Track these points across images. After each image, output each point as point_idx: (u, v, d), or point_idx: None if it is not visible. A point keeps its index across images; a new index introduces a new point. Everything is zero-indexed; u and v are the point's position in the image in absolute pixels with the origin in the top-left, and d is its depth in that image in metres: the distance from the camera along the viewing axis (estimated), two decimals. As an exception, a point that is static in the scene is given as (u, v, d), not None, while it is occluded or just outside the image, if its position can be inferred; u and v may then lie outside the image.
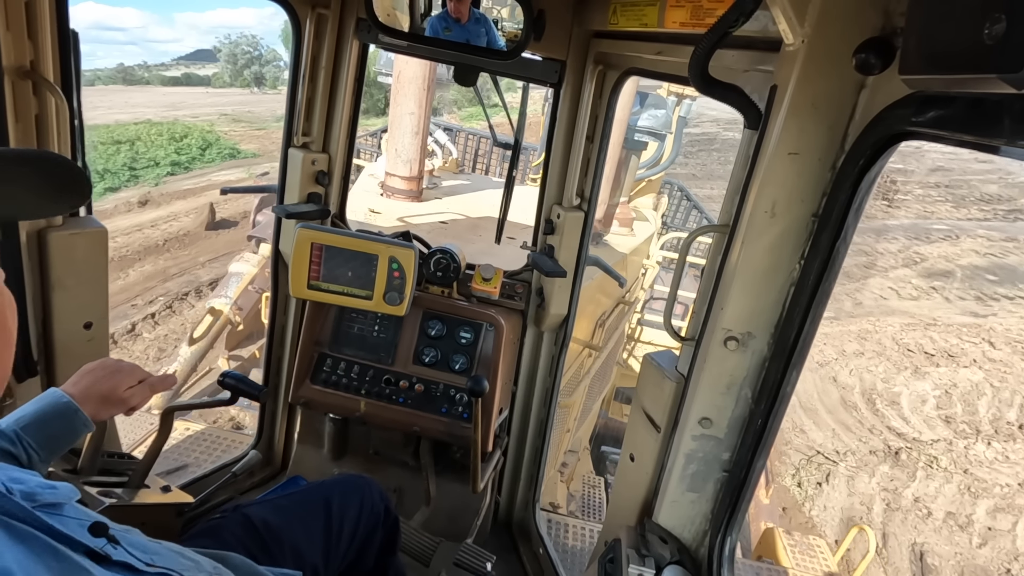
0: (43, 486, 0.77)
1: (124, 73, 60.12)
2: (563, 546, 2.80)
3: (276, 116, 34.29)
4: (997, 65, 0.56)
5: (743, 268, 1.08)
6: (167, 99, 42.45)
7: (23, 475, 0.78)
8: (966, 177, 30.05)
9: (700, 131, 36.22)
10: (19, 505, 0.68)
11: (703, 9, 1.18)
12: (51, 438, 1.14)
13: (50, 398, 1.17)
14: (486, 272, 2.21)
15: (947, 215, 25.43)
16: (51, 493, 0.77)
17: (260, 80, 51.33)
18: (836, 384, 12.48)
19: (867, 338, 14.39)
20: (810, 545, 4.60)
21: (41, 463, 1.12)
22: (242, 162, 25.55)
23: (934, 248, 21.37)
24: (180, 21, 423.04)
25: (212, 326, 7.67)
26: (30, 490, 0.74)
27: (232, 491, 2.44)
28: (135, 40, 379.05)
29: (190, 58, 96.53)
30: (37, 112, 1.44)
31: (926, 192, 27.89)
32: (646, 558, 1.27)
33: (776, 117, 0.99)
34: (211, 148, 26.60)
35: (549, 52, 1.92)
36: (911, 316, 15.85)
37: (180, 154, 25.06)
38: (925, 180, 29.32)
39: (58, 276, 1.60)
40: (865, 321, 15.19)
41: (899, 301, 16.87)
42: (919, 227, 23.35)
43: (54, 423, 1.15)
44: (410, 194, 4.89)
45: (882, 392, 12.32)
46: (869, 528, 4.87)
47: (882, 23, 0.85)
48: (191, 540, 1.30)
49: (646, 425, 1.38)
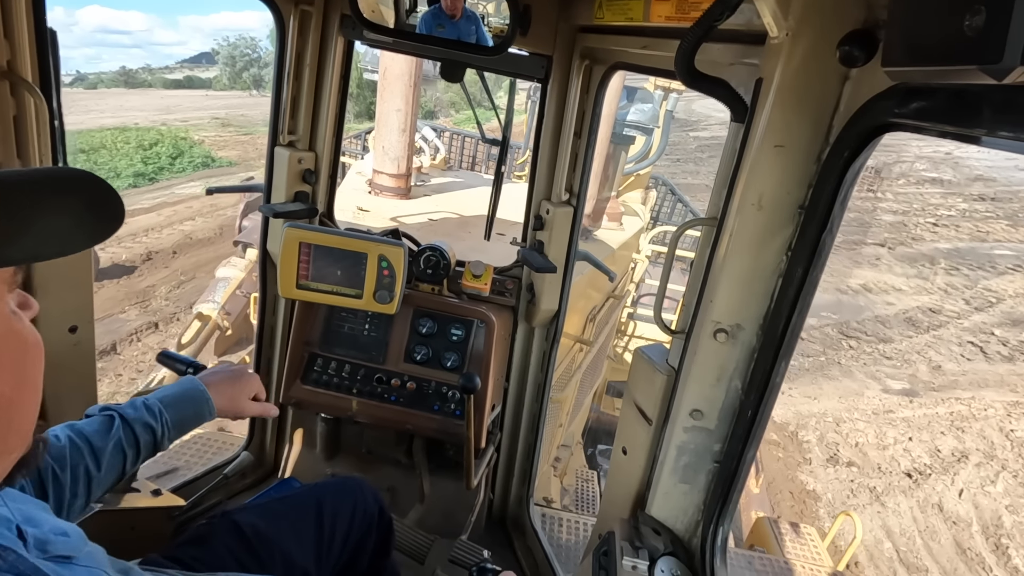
0: (56, 531, 0.76)
1: (126, 76, 59.55)
2: (557, 540, 2.81)
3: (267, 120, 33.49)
4: (977, 56, 0.56)
5: (731, 261, 1.09)
6: (164, 103, 41.53)
7: (39, 514, 0.77)
8: (1013, 188, 25.74)
9: (709, 135, 33.63)
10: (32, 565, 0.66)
11: (688, 3, 1.19)
12: (182, 419, 1.27)
13: (189, 384, 1.32)
14: (476, 269, 2.21)
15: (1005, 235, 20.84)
16: (63, 542, 0.75)
17: (259, 82, 50.58)
18: (943, 516, 8.17)
19: (964, 428, 10.14)
20: (801, 533, 4.67)
21: (167, 440, 1.25)
22: (216, 171, 23.73)
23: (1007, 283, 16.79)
24: (184, 24, 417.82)
25: (200, 331, 7.60)
26: (43, 537, 0.73)
27: (224, 493, 2.42)
28: (140, 43, 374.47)
29: (194, 61, 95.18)
30: (15, 113, 1.41)
31: (971, 207, 23.65)
32: (640, 550, 1.28)
33: (762, 110, 0.99)
34: (182, 156, 24.63)
35: (535, 47, 1.91)
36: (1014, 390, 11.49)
37: (147, 164, 23.05)
38: (967, 191, 25.25)
39: (42, 280, 1.57)
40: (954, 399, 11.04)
41: (988, 363, 12.60)
42: (977, 253, 19.07)
43: (187, 406, 1.28)
44: (398, 192, 4.86)
45: (1012, 530, 7.90)
46: (855, 515, 4.93)
47: (865, 16, 0.86)
48: (180, 548, 1.29)
49: (638, 418, 1.39)
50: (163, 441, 1.24)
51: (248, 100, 45.66)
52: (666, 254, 1.38)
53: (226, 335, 7.84)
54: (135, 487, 1.69)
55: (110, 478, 1.18)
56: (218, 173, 23.42)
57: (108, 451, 1.14)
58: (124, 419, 1.19)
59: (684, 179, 19.88)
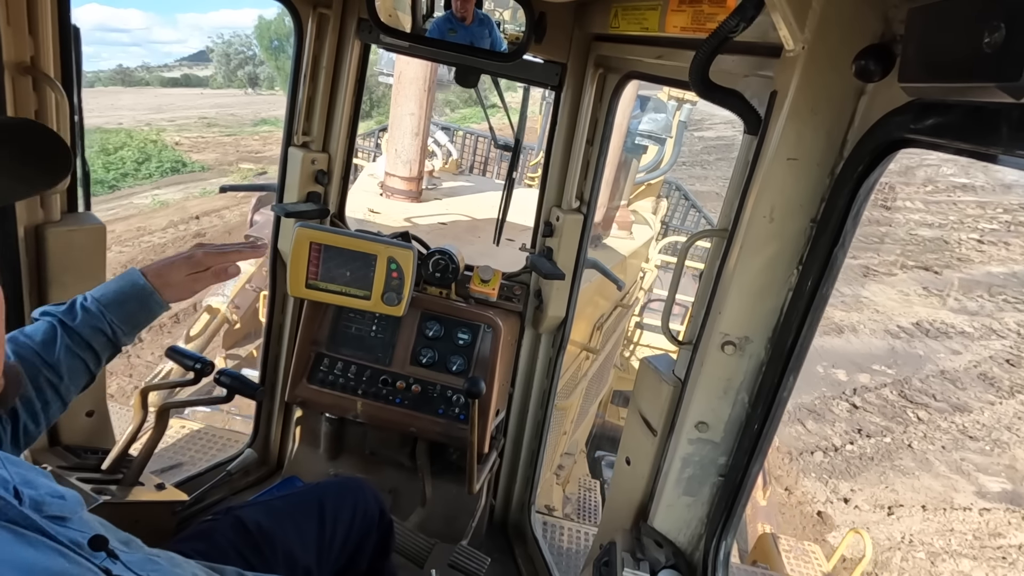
0: (53, 494, 0.77)
1: (123, 75, 59.38)
2: (558, 548, 2.79)
3: (256, 120, 32.35)
4: (996, 74, 0.56)
5: (741, 273, 1.08)
6: (157, 101, 39.92)
7: (36, 477, 0.78)
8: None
9: (715, 135, 31.80)
10: (23, 514, 0.68)
11: (704, 14, 1.19)
12: (131, 315, 1.26)
13: (127, 278, 1.28)
14: (484, 273, 2.21)
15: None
16: (59, 504, 0.77)
17: (255, 81, 50.40)
18: None
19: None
20: (805, 551, 4.60)
21: (125, 336, 1.25)
22: (185, 177, 21.52)
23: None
24: (183, 22, 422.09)
25: (209, 324, 7.66)
26: (40, 498, 0.74)
27: (227, 490, 2.43)
28: (139, 41, 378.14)
29: (192, 59, 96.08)
30: (37, 108, 1.44)
31: (1015, 218, 20.43)
32: (641, 562, 1.27)
33: (776, 122, 0.99)
34: (149, 161, 22.14)
35: (550, 55, 1.92)
36: None
37: (108, 170, 20.53)
38: (1005, 200, 21.75)
39: (56, 272, 1.59)
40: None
41: None
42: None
43: (131, 304, 1.26)
44: (410, 195, 4.89)
45: None
46: (865, 532, 4.84)
47: (882, 30, 0.86)
48: (184, 542, 1.30)
49: (643, 428, 1.38)
50: (121, 337, 1.24)
51: (242, 99, 44.28)
52: (675, 264, 1.37)
53: (234, 329, 7.90)
54: (140, 481, 1.71)
55: (78, 381, 1.20)
56: (187, 179, 21.41)
57: (62, 359, 1.15)
58: (65, 327, 1.18)
59: (692, 185, 17.21)
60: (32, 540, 0.68)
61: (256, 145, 27.02)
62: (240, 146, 26.35)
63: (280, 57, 34.35)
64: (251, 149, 26.27)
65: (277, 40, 34.32)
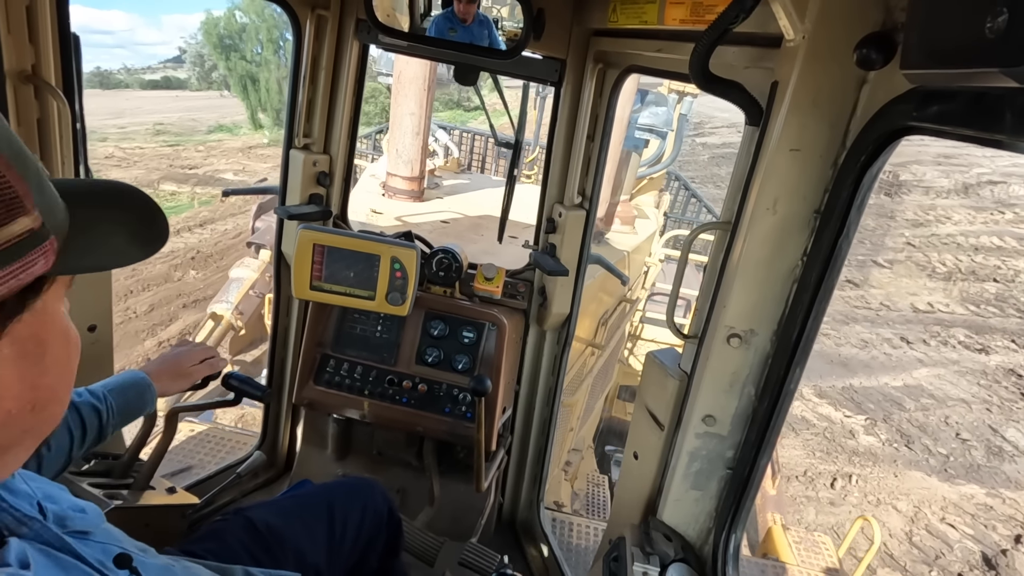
0: (74, 508, 0.77)
1: (101, 77, 57.88)
2: (568, 545, 2.80)
3: (213, 126, 29.95)
4: (999, 59, 0.55)
5: (745, 265, 1.08)
6: (126, 105, 37.59)
7: (56, 492, 0.78)
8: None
9: (719, 140, 29.15)
10: (54, 534, 0.68)
11: (703, 6, 1.18)
12: (127, 403, 1.36)
13: (129, 373, 1.42)
14: (488, 272, 2.21)
15: None
16: (81, 518, 0.77)
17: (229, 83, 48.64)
18: None
19: None
20: (815, 542, 4.59)
21: (111, 427, 1.32)
22: None
23: None
24: (168, 23, 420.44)
25: (213, 331, 7.69)
26: (62, 512, 0.74)
27: (237, 492, 2.45)
28: (123, 43, 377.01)
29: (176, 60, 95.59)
30: (39, 116, 1.45)
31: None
32: (650, 556, 1.27)
33: (777, 113, 0.98)
34: None
35: (549, 51, 1.92)
36: None
37: None
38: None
39: None
40: None
41: None
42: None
43: (130, 391, 1.38)
44: (411, 194, 4.89)
45: None
46: (874, 519, 4.81)
47: (883, 18, 0.85)
48: (195, 543, 1.31)
49: (649, 423, 1.38)
50: (107, 427, 1.30)
51: (217, 102, 40.44)
52: (679, 258, 1.37)
53: (240, 335, 7.93)
54: (151, 485, 1.72)
55: (58, 461, 1.22)
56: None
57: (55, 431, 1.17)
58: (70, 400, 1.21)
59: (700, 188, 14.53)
60: (65, 564, 0.67)
61: (196, 158, 24.28)
62: (178, 159, 23.88)
63: (232, 57, 29.18)
64: (188, 164, 23.20)
65: (229, 38, 28.95)
